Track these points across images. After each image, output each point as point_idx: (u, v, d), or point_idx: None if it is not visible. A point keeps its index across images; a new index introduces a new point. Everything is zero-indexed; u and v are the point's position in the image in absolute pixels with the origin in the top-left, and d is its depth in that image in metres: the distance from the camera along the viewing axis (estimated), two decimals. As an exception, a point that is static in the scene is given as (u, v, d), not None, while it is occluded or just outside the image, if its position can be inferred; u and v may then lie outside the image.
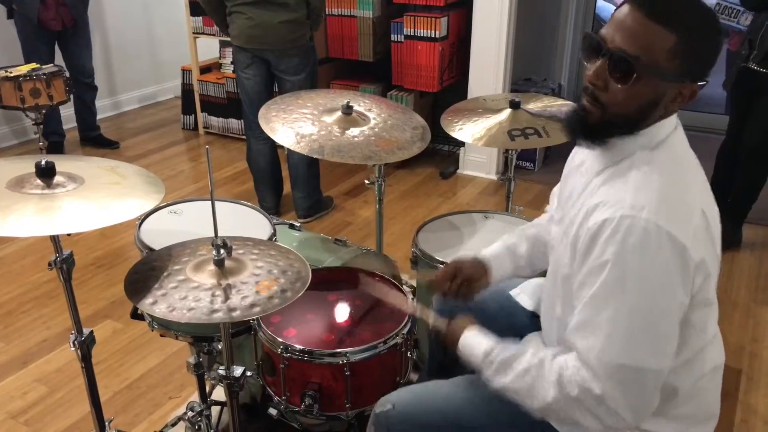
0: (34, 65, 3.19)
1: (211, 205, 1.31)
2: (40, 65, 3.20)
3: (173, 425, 1.99)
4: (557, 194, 1.45)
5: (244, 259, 1.36)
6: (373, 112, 2.09)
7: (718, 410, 1.30)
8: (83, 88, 4.28)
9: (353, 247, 2.11)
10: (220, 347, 1.76)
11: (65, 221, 1.29)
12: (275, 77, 3.23)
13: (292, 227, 2.21)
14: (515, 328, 1.52)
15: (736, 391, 2.26)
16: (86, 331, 1.62)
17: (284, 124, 1.96)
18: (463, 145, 4.02)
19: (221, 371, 1.44)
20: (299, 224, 2.23)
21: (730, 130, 3.16)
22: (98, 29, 4.87)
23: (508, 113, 2.14)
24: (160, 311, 1.22)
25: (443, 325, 1.41)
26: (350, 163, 1.89)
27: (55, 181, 1.38)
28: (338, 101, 2.07)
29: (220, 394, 2.01)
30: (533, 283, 1.61)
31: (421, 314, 1.51)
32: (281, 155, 3.47)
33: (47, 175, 1.38)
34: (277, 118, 2.00)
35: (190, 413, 1.85)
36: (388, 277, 1.83)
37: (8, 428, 2.11)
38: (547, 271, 1.41)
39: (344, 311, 1.71)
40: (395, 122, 2.06)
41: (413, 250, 2.02)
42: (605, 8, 4.82)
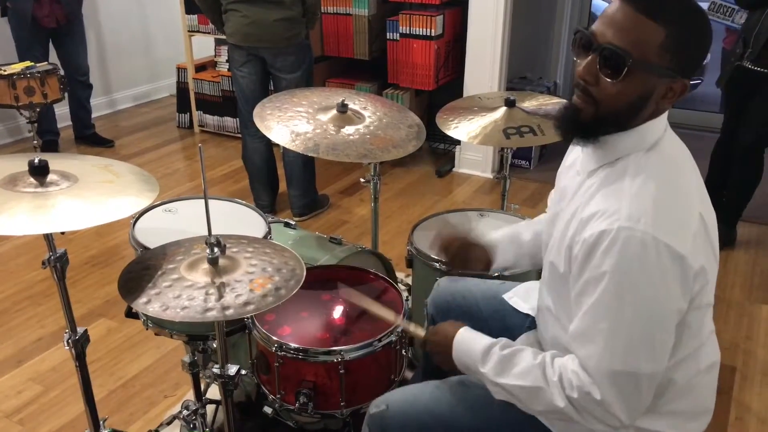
0: (28, 63, 3.19)
1: (204, 203, 1.30)
2: (34, 63, 3.20)
3: (168, 424, 1.98)
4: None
5: (238, 257, 1.36)
6: (368, 110, 2.09)
7: (712, 406, 1.31)
8: (78, 86, 4.26)
9: (349, 245, 2.11)
10: (214, 346, 1.76)
11: (59, 219, 1.28)
12: (271, 75, 3.22)
13: (287, 225, 2.21)
14: (508, 329, 1.52)
15: (730, 389, 2.27)
16: (80, 329, 1.61)
17: (279, 122, 1.96)
18: (458, 143, 4.03)
19: (216, 370, 1.43)
20: (294, 222, 2.23)
21: (724, 128, 3.17)
22: (93, 27, 4.85)
23: (503, 111, 2.13)
24: (153, 310, 1.22)
25: (431, 332, 1.38)
26: (345, 161, 1.88)
27: (48, 179, 1.38)
28: (333, 99, 2.06)
29: (215, 392, 2.01)
30: (526, 286, 1.61)
31: (406, 327, 1.50)
32: (277, 153, 3.47)
33: (40, 173, 1.37)
34: (272, 116, 1.99)
35: (185, 412, 1.86)
36: (382, 275, 1.83)
37: (2, 427, 2.10)
38: (540, 272, 1.41)
39: (339, 310, 1.71)
40: (390, 120, 2.06)
41: (409, 248, 2.02)
42: (601, 6, 4.83)
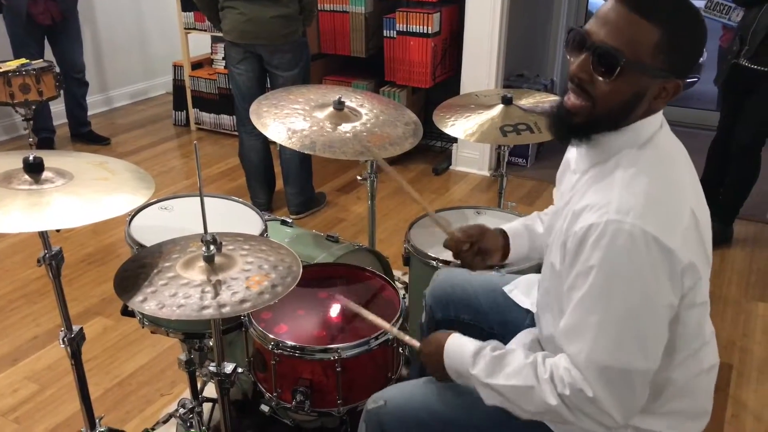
0: (23, 60, 3.17)
1: (200, 200, 1.30)
2: (29, 60, 3.18)
3: (164, 422, 1.98)
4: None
5: (234, 255, 1.35)
6: (365, 107, 2.09)
7: (710, 407, 1.31)
8: (74, 83, 4.24)
9: (345, 243, 2.11)
10: (211, 344, 1.75)
11: (54, 217, 1.28)
12: (268, 73, 3.21)
13: (284, 223, 2.20)
14: (510, 324, 1.52)
15: (726, 386, 2.27)
16: (76, 328, 1.61)
17: (276, 119, 1.95)
18: (455, 141, 4.02)
19: (212, 368, 1.43)
20: (291, 220, 2.23)
21: (721, 126, 3.17)
22: (89, 24, 4.84)
23: (500, 109, 2.13)
24: (149, 308, 1.21)
25: (424, 343, 1.37)
26: (342, 159, 1.88)
27: (43, 176, 1.37)
28: (330, 97, 2.06)
29: (211, 390, 2.00)
30: (526, 279, 1.61)
31: (401, 338, 1.48)
32: (273, 151, 3.46)
33: (35, 170, 1.37)
34: (268, 113, 1.99)
35: (181, 410, 1.85)
36: (379, 273, 1.83)
37: (-2, 426, 2.10)
38: (541, 266, 1.41)
39: (335, 308, 1.71)
40: (387, 118, 2.06)
41: (406, 246, 2.02)
42: (598, 5, 4.82)
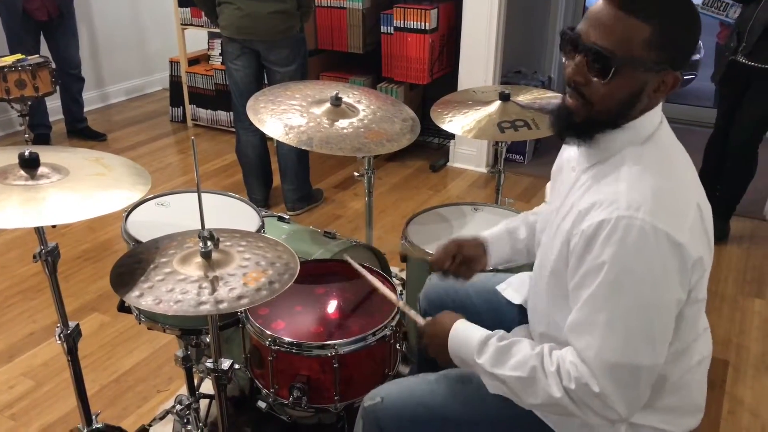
0: (19, 56, 3.15)
1: (197, 196, 1.29)
2: (25, 56, 3.16)
3: (161, 418, 1.97)
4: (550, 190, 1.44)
5: (231, 251, 1.35)
6: (362, 103, 2.08)
7: (703, 402, 1.31)
8: (70, 79, 4.23)
9: (343, 240, 2.11)
10: (208, 340, 1.75)
11: (49, 213, 1.27)
12: (265, 68, 3.21)
13: (281, 219, 2.20)
14: (503, 322, 1.52)
15: (723, 382, 2.28)
16: (72, 324, 1.60)
17: (273, 115, 1.95)
18: (453, 137, 4.02)
19: (209, 364, 1.43)
20: (288, 217, 2.22)
21: (718, 123, 3.18)
22: (85, 20, 4.82)
23: (497, 105, 2.13)
24: (146, 304, 1.21)
25: (427, 324, 1.37)
26: (339, 155, 1.87)
27: (39, 172, 1.36)
28: (327, 93, 2.05)
29: (208, 387, 2.00)
30: (519, 277, 1.61)
31: (407, 311, 1.48)
32: (271, 147, 3.45)
33: (31, 165, 1.36)
34: (265, 109, 1.98)
35: (178, 406, 1.85)
36: (377, 270, 1.83)
37: (-6, 422, 2.09)
38: (534, 263, 1.41)
39: (333, 304, 1.71)
40: (385, 114, 2.05)
41: (403, 242, 2.01)
42: (595, 1, 4.82)
